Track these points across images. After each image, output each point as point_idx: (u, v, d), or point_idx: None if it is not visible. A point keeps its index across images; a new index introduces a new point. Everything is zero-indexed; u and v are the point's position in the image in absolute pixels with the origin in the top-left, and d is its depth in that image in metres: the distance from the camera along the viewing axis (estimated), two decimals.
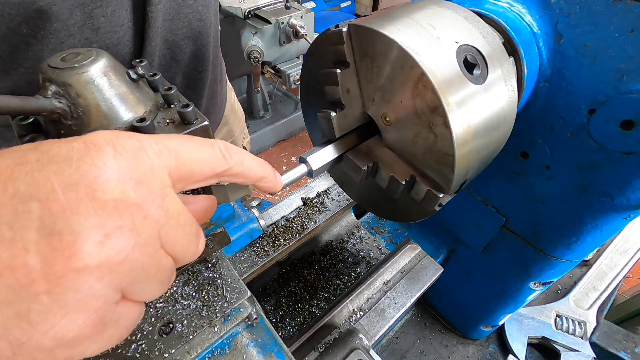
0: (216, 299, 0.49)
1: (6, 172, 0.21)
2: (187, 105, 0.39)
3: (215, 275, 0.52)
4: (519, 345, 0.94)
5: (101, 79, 0.36)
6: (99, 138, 0.23)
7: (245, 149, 1.24)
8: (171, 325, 0.46)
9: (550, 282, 0.72)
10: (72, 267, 0.20)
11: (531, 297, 0.77)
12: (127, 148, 0.24)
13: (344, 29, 0.39)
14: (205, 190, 0.40)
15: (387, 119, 0.41)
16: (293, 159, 3.22)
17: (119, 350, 0.43)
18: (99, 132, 0.24)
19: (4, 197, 0.20)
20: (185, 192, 0.46)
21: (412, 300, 0.75)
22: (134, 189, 0.23)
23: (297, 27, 1.18)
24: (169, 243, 0.26)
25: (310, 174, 0.42)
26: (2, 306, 0.19)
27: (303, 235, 0.80)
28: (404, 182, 0.42)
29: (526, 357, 0.93)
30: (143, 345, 0.44)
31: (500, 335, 1.00)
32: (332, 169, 0.56)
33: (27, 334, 0.20)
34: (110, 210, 0.22)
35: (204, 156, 0.28)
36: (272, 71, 1.35)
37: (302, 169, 0.42)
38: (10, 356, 0.20)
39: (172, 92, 0.42)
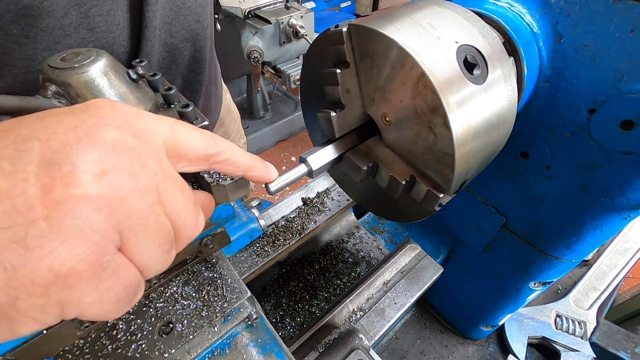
0: (216, 299, 0.49)
1: (8, 124, 0.22)
2: (187, 105, 0.39)
3: (215, 275, 0.52)
4: (519, 345, 0.94)
5: (101, 79, 0.36)
6: (99, 99, 0.25)
7: None
8: (171, 325, 0.46)
9: (550, 282, 0.72)
10: (71, 194, 0.20)
11: (531, 297, 0.77)
12: (125, 109, 0.25)
13: (344, 29, 0.39)
14: (204, 189, 0.40)
15: (387, 119, 0.41)
16: (293, 159, 3.22)
17: (119, 351, 0.43)
18: (97, 99, 0.26)
19: (6, 140, 0.21)
20: None
21: (412, 300, 0.75)
22: (134, 136, 0.24)
23: (297, 27, 1.18)
24: (167, 202, 0.26)
25: (310, 174, 0.42)
26: None
27: (303, 235, 0.80)
28: (404, 182, 0.42)
29: (526, 357, 0.93)
30: (143, 345, 0.44)
31: (500, 335, 1.00)
32: (332, 169, 0.56)
33: (23, 259, 0.19)
34: (108, 149, 0.22)
35: (196, 135, 0.29)
36: (272, 71, 1.35)
37: (302, 169, 0.42)
38: (1, 287, 0.19)
39: (172, 92, 0.42)
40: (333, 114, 0.44)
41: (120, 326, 0.46)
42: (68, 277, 0.21)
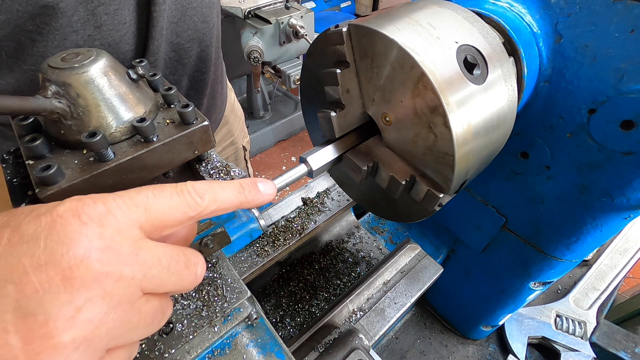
0: (216, 299, 0.49)
1: None
2: (187, 106, 0.39)
3: (215, 275, 0.52)
4: (519, 345, 0.94)
5: (101, 79, 0.36)
6: (65, 210, 0.25)
7: (245, 149, 1.24)
8: (171, 325, 0.46)
9: (550, 282, 0.72)
10: (49, 344, 0.22)
11: (531, 297, 0.77)
12: (93, 216, 0.25)
13: (344, 29, 0.39)
14: None
15: (387, 119, 0.41)
16: (293, 159, 3.22)
17: None
18: (67, 201, 0.25)
19: None
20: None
21: (412, 300, 0.75)
22: (100, 259, 0.24)
23: (297, 27, 1.18)
24: (157, 287, 0.28)
25: (310, 174, 0.42)
26: None
27: (303, 235, 0.80)
28: (404, 182, 0.42)
29: (526, 357, 0.93)
30: (143, 345, 0.44)
31: (500, 335, 1.00)
32: (332, 169, 0.56)
33: None
34: (78, 285, 0.23)
35: (174, 204, 0.29)
36: (272, 71, 1.35)
37: (302, 169, 0.42)
38: None
39: (172, 92, 0.42)
40: (333, 114, 0.44)
41: None
42: None
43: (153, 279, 0.27)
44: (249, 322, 0.50)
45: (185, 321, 0.46)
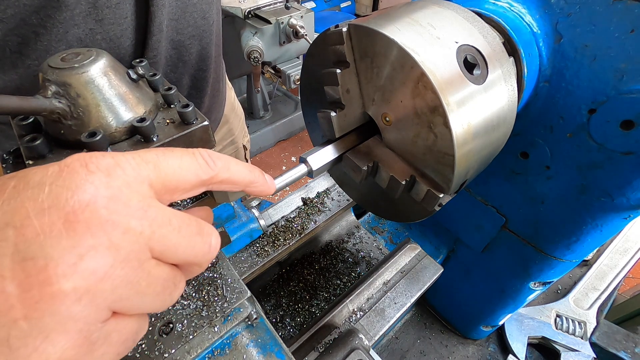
0: (216, 299, 0.49)
1: None
2: (187, 105, 0.39)
3: (215, 275, 0.52)
4: (519, 345, 0.94)
5: (101, 79, 0.36)
6: (73, 160, 0.24)
7: (246, 148, 1.24)
8: (171, 325, 0.46)
9: (550, 282, 0.72)
10: (47, 292, 0.21)
11: (531, 297, 0.77)
12: (101, 166, 0.24)
13: (344, 29, 0.39)
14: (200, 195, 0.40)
15: (387, 119, 0.41)
16: (293, 159, 3.22)
17: None
18: (75, 154, 0.24)
19: None
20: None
21: (412, 300, 0.75)
22: (106, 207, 0.23)
23: (297, 27, 1.18)
24: (167, 251, 0.26)
25: (310, 174, 0.42)
26: None
27: (303, 235, 0.80)
28: (404, 182, 0.42)
29: (526, 357, 0.93)
30: (143, 345, 0.44)
31: (500, 335, 1.00)
32: (332, 169, 0.56)
33: (9, 359, 0.20)
34: (82, 231, 0.22)
35: (185, 164, 0.28)
36: (272, 71, 1.35)
37: (302, 169, 0.42)
38: None
39: (172, 92, 0.42)
40: (333, 114, 0.44)
41: None
42: None
43: (162, 239, 0.25)
44: (249, 322, 0.50)
45: (185, 321, 0.46)
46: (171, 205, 0.29)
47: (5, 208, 0.21)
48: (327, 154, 0.44)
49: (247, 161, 1.29)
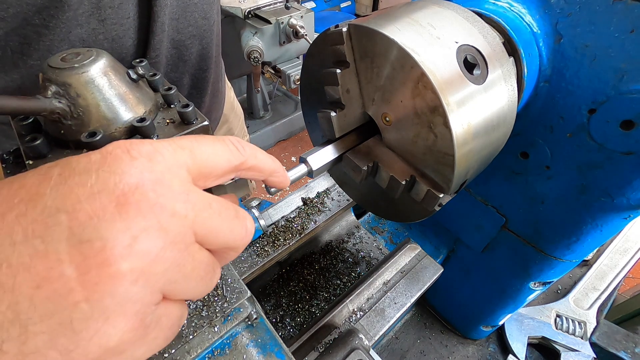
0: (216, 299, 0.49)
1: (32, 189, 0.22)
2: (187, 105, 0.39)
3: None
4: (519, 345, 0.94)
5: (101, 79, 0.36)
6: (115, 147, 0.24)
7: None
8: None
9: (550, 282, 0.72)
10: (106, 273, 0.21)
11: (531, 297, 0.77)
12: (142, 152, 0.24)
13: (344, 29, 0.39)
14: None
15: (387, 119, 0.41)
16: (293, 159, 3.22)
17: None
18: (114, 142, 0.25)
19: (34, 212, 0.21)
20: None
21: (412, 300, 0.75)
22: (154, 190, 0.23)
23: (297, 27, 1.18)
24: (209, 234, 0.26)
25: (310, 174, 0.42)
26: (45, 318, 0.20)
27: (303, 235, 0.80)
28: (404, 182, 0.42)
29: (526, 357, 0.93)
30: None
31: (500, 335, 1.00)
32: (332, 169, 0.56)
33: (74, 342, 0.21)
34: (133, 213, 0.22)
35: (218, 151, 0.29)
36: (272, 71, 1.35)
37: (302, 169, 0.42)
38: None
39: (172, 92, 0.42)
40: (333, 114, 0.44)
41: None
42: (116, 347, 0.22)
43: (205, 222, 0.26)
44: (249, 322, 0.50)
45: (185, 321, 0.46)
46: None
47: (54, 195, 0.22)
48: (327, 154, 0.44)
49: None
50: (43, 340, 0.20)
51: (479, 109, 0.37)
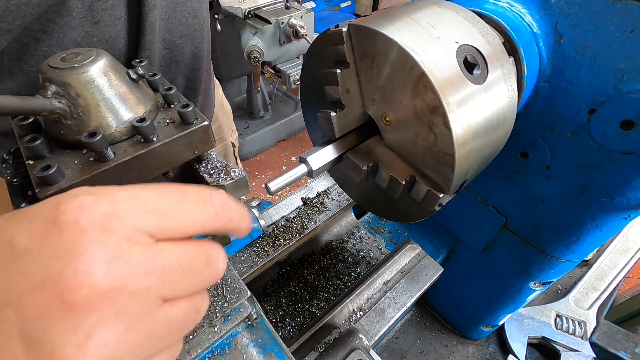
0: (216, 299, 0.49)
1: None
2: (187, 105, 0.39)
3: None
4: (519, 345, 0.94)
5: (101, 79, 0.36)
6: (63, 210, 0.21)
7: (234, 145, 1.24)
8: None
9: (550, 282, 0.72)
10: None
11: (531, 297, 0.77)
12: (94, 220, 0.22)
13: (344, 29, 0.39)
14: None
15: (387, 119, 0.41)
16: (293, 159, 3.22)
17: None
18: (64, 199, 0.22)
19: None
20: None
21: (412, 300, 0.75)
22: (106, 274, 0.21)
23: (297, 27, 1.18)
24: (179, 292, 0.25)
25: (310, 174, 0.42)
26: None
27: (303, 235, 0.80)
28: (404, 182, 0.42)
29: (526, 357, 0.93)
30: None
31: (500, 335, 1.00)
32: (332, 169, 0.56)
33: None
34: (82, 309, 0.20)
35: (194, 216, 0.26)
36: (272, 71, 1.35)
37: (302, 169, 0.42)
38: None
39: (172, 92, 0.42)
40: (333, 114, 0.44)
41: None
42: None
43: (173, 285, 0.24)
44: (249, 322, 0.50)
45: None
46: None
47: None
48: (327, 154, 0.44)
49: (236, 158, 1.29)
50: None
51: (479, 109, 0.37)
